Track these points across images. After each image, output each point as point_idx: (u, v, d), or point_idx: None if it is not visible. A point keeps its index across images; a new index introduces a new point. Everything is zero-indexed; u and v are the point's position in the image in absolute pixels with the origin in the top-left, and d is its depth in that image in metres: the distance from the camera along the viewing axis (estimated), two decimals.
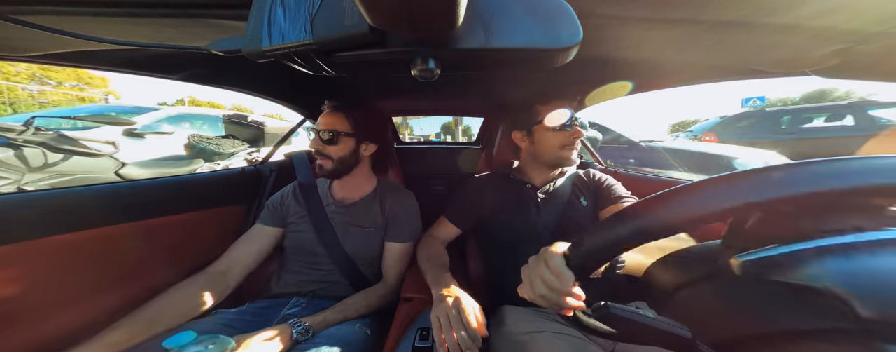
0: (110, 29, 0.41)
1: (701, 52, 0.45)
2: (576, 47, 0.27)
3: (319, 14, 0.26)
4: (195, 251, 0.98)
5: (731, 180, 0.25)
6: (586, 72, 0.87)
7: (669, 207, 0.27)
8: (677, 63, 0.67)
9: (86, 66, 0.66)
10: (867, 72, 0.41)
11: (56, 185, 1.69)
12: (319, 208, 0.87)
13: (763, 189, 0.24)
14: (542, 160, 0.84)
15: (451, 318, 0.53)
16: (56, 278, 0.68)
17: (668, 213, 0.27)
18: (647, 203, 0.28)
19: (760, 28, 0.34)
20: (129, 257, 0.81)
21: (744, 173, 0.25)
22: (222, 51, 0.32)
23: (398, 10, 0.23)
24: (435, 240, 0.87)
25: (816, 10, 0.30)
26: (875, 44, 0.34)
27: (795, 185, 0.23)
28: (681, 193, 0.27)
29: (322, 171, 0.82)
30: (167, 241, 0.90)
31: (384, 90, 1.17)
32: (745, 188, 0.24)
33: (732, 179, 0.25)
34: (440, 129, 18.27)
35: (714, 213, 0.25)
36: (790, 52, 0.40)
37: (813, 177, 0.23)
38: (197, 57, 0.69)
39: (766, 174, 0.24)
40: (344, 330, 0.66)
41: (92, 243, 0.73)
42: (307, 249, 0.84)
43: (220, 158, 2.45)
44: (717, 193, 0.25)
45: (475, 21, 0.26)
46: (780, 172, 0.24)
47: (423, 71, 0.30)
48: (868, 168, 0.22)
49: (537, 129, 0.81)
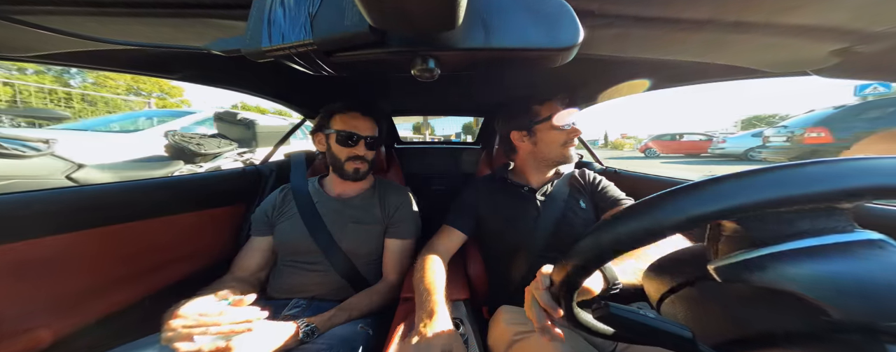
0: (110, 29, 0.41)
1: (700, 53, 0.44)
2: (576, 47, 0.27)
3: (319, 14, 0.26)
4: (196, 252, 0.98)
5: (679, 195, 0.24)
6: (585, 71, 0.87)
7: (627, 222, 0.26)
8: (676, 63, 0.67)
9: (86, 66, 0.66)
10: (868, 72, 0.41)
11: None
12: (311, 209, 0.86)
13: (707, 203, 0.22)
14: (543, 159, 0.84)
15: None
16: (56, 278, 0.68)
17: (627, 228, 0.25)
18: (608, 221, 0.27)
19: (760, 28, 0.34)
20: (129, 257, 0.81)
21: (690, 187, 0.24)
22: (222, 51, 0.32)
23: (398, 9, 0.23)
24: (434, 256, 0.75)
25: (816, 10, 0.30)
26: (875, 44, 0.34)
27: (741, 195, 0.22)
28: (637, 208, 0.26)
29: (359, 174, 0.85)
30: (168, 241, 0.90)
31: (384, 90, 1.17)
32: (689, 203, 0.23)
33: (680, 193, 0.24)
34: (461, 128, 18.33)
35: (664, 230, 0.23)
36: (790, 52, 0.40)
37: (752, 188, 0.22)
38: (197, 57, 0.69)
39: (717, 185, 0.23)
40: (346, 330, 0.67)
41: (93, 243, 0.73)
42: (302, 250, 0.83)
43: (203, 159, 2.36)
44: (664, 209, 0.24)
45: (475, 21, 0.26)
46: (730, 182, 0.22)
47: (423, 71, 0.30)
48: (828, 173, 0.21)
49: (539, 128, 0.81)
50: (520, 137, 0.86)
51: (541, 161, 0.85)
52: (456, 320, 0.62)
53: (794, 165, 0.22)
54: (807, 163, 0.21)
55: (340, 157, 0.84)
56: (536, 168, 0.87)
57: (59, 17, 0.38)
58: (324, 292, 0.82)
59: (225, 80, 0.94)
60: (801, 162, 0.22)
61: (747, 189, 0.22)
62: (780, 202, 0.21)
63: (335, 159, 0.85)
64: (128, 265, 0.81)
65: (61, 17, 0.38)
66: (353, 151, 0.83)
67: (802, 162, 0.22)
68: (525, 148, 0.86)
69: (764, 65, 0.48)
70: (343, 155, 0.83)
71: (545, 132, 0.81)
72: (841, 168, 0.21)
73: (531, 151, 0.85)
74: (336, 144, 0.83)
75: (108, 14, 0.37)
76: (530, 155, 0.86)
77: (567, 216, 0.80)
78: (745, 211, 0.22)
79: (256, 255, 0.84)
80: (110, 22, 0.39)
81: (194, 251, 0.98)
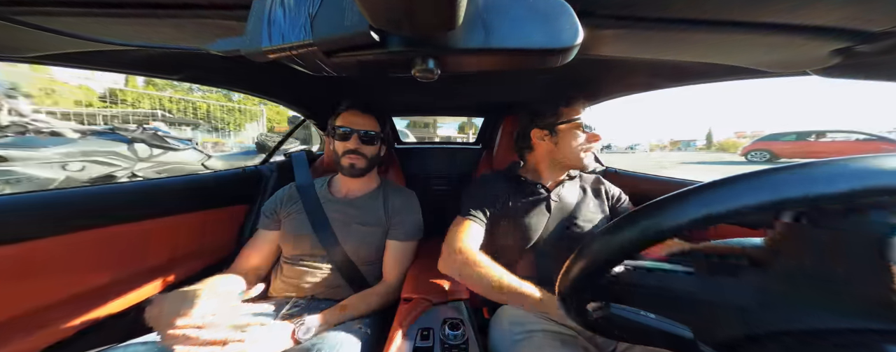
0: (111, 29, 0.41)
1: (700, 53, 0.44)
2: (576, 48, 0.27)
3: (319, 14, 0.26)
4: (196, 252, 0.98)
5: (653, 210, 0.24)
6: (585, 71, 0.87)
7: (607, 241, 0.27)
8: (676, 63, 0.67)
9: (85, 67, 0.66)
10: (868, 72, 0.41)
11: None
12: (318, 208, 0.87)
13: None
14: (560, 161, 0.83)
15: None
16: (56, 279, 0.68)
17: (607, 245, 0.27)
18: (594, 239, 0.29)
19: (760, 28, 0.34)
20: (129, 259, 0.81)
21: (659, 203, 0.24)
22: (222, 51, 0.32)
23: (398, 10, 0.23)
24: (470, 252, 0.71)
25: (816, 10, 0.30)
26: (875, 44, 0.34)
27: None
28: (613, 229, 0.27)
29: (354, 169, 0.85)
30: (168, 242, 0.90)
31: (384, 90, 1.17)
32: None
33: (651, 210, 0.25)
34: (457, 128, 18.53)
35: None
36: (790, 52, 0.40)
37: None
38: (196, 57, 0.69)
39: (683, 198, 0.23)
40: (344, 330, 0.66)
41: (93, 244, 0.73)
42: (306, 252, 0.83)
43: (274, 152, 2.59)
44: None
45: (475, 21, 0.26)
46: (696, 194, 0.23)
47: (424, 71, 0.30)
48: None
49: (562, 128, 0.80)
50: (541, 135, 0.84)
51: (557, 162, 0.84)
52: (456, 320, 0.62)
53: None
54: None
55: (338, 152, 0.86)
56: (551, 169, 0.86)
57: (60, 17, 0.38)
58: (323, 292, 0.82)
59: (225, 81, 0.94)
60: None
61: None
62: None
63: (335, 156, 0.87)
64: (128, 266, 0.81)
65: (61, 17, 0.38)
66: (348, 145, 0.84)
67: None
68: (544, 147, 0.85)
69: (764, 65, 0.48)
70: (340, 150, 0.85)
71: (567, 133, 0.80)
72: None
73: (550, 151, 0.84)
74: (335, 141, 0.86)
75: (108, 15, 0.37)
76: (548, 154, 0.85)
77: (577, 219, 0.80)
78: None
79: (262, 249, 0.85)
80: (111, 23, 0.39)
81: (195, 252, 0.98)
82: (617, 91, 1.04)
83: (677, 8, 0.32)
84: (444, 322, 0.62)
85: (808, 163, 0.21)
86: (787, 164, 0.22)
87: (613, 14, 0.33)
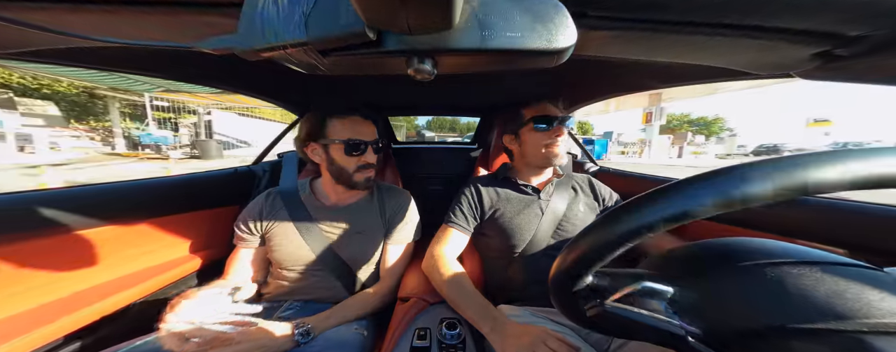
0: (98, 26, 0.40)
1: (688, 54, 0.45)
2: (570, 48, 0.28)
3: (314, 13, 0.25)
4: (189, 253, 0.97)
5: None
6: (579, 72, 0.89)
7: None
8: (663, 65, 0.68)
9: (73, 65, 0.64)
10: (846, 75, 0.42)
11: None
12: (305, 218, 0.81)
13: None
14: (530, 161, 0.85)
15: (556, 346, 0.51)
16: (47, 280, 0.66)
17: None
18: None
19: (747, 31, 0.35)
20: (122, 259, 0.80)
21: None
22: (214, 49, 0.31)
23: (394, 10, 0.22)
24: (443, 258, 0.76)
25: (797, 14, 0.31)
26: (852, 48, 0.35)
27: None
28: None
29: (369, 182, 0.82)
30: (160, 242, 0.89)
31: (380, 90, 1.17)
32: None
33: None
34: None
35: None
36: (776, 54, 0.41)
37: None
38: (188, 55, 0.68)
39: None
40: (341, 331, 0.66)
41: (84, 245, 0.71)
42: (300, 261, 0.80)
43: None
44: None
45: (471, 22, 0.27)
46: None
47: (419, 71, 0.30)
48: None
49: (523, 131, 0.83)
50: (510, 140, 0.88)
51: (530, 163, 0.86)
52: (453, 320, 0.62)
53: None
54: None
55: (349, 167, 0.77)
56: (529, 170, 0.88)
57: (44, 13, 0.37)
58: (320, 295, 0.81)
59: (217, 80, 0.92)
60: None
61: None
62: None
63: (342, 170, 0.78)
64: (120, 267, 0.80)
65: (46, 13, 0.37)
66: (363, 159, 0.77)
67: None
68: (516, 151, 0.88)
69: (751, 67, 0.50)
70: (352, 165, 0.77)
71: (528, 135, 0.82)
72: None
73: (520, 154, 0.87)
74: (342, 155, 0.76)
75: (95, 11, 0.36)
76: (520, 158, 0.88)
77: (568, 218, 0.81)
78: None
79: (248, 266, 0.80)
80: (97, 19, 0.38)
81: (187, 252, 0.96)
82: (608, 92, 1.05)
83: (670, 10, 0.32)
84: (441, 322, 0.62)
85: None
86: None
87: (608, 15, 0.34)
